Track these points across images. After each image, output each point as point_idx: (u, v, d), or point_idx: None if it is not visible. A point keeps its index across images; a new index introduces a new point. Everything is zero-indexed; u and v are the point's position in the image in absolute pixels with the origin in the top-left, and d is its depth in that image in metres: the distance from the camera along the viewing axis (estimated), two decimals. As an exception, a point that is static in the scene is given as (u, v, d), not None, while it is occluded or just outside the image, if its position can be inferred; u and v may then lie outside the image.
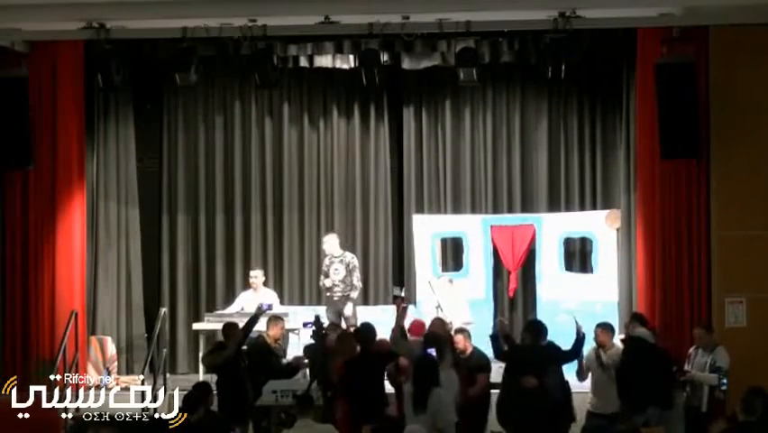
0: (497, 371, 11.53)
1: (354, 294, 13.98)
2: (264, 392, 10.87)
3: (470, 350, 11.34)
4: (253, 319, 11.47)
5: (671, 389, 11.13)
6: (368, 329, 11.09)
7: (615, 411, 10.99)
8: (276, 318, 11.96)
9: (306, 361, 11.75)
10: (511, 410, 10.69)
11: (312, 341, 11.59)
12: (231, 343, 11.25)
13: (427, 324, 12.25)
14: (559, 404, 10.96)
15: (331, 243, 14.22)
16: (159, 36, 13.04)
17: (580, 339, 11.23)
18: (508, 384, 10.93)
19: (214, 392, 10.56)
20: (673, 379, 11.30)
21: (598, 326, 11.65)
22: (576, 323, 11.36)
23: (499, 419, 10.98)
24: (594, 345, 11.55)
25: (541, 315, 13.82)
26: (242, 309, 13.80)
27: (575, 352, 11.25)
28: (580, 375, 11.58)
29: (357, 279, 14.03)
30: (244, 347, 11.50)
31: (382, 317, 13.16)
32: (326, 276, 14.04)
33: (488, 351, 11.64)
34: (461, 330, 11.70)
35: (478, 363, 11.26)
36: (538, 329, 11.21)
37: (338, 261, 14.04)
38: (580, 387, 11.72)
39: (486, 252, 14.62)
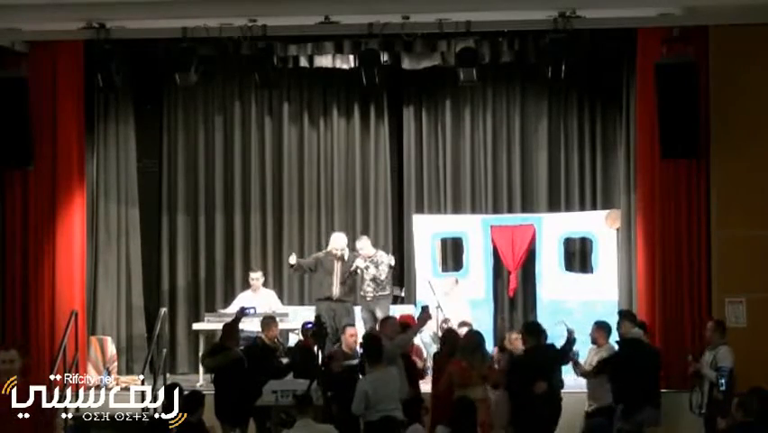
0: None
1: (386, 291, 13.77)
2: (264, 392, 10.87)
3: None
4: (234, 322, 11.68)
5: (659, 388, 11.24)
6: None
7: (607, 404, 11.10)
8: (267, 319, 12.00)
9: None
10: (522, 414, 10.71)
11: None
12: (232, 343, 11.29)
13: (429, 324, 12.25)
14: (560, 402, 11.03)
15: (364, 244, 13.98)
16: (159, 36, 13.03)
17: (570, 341, 11.25)
18: (518, 387, 10.90)
19: (212, 393, 10.57)
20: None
21: (594, 324, 11.74)
22: (566, 327, 11.36)
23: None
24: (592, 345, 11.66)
25: (541, 315, 13.85)
26: (241, 309, 13.84)
27: (564, 353, 11.27)
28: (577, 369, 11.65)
29: (387, 277, 13.79)
30: (241, 347, 11.58)
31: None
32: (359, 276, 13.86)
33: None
34: (464, 324, 11.80)
35: None
36: (538, 331, 11.23)
37: (370, 261, 13.83)
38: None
39: (486, 252, 14.61)
